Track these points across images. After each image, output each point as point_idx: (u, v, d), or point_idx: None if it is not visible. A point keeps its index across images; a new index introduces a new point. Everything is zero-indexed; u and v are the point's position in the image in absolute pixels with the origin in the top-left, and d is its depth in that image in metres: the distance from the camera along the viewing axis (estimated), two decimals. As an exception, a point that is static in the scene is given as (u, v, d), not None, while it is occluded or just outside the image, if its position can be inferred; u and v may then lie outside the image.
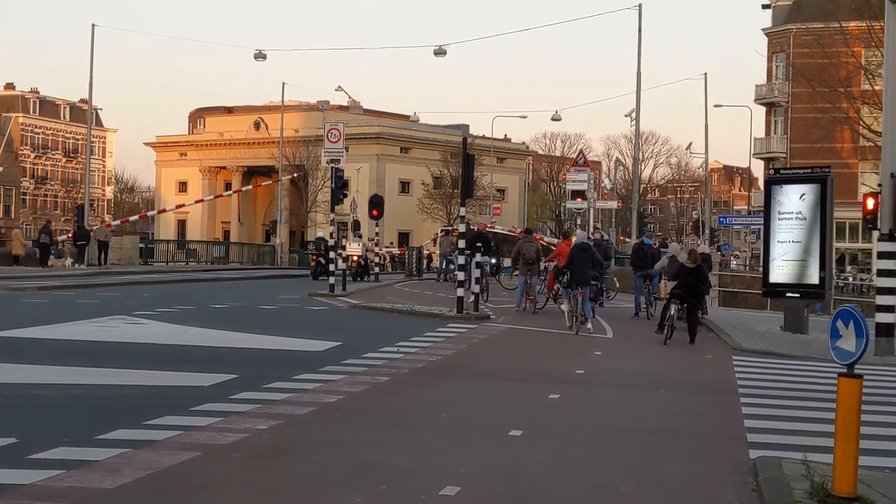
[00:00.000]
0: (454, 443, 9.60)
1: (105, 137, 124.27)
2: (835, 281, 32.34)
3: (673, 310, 19.68)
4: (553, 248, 32.20)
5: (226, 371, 13.23)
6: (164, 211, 76.02)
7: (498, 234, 49.45)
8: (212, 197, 76.22)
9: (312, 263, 41.91)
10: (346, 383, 12.85)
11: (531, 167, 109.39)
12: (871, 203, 18.65)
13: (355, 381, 13.03)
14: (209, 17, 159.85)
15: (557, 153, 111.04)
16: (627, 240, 56.36)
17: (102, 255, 44.06)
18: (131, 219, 67.63)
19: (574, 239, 22.88)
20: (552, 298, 25.83)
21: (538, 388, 13.30)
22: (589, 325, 21.03)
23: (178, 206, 71.57)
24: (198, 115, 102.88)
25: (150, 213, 77.35)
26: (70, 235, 47.29)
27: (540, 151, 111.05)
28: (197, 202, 70.60)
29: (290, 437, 9.49)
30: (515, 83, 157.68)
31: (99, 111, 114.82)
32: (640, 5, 41.28)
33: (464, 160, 25.12)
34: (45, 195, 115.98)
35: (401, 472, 8.28)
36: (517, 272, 27.31)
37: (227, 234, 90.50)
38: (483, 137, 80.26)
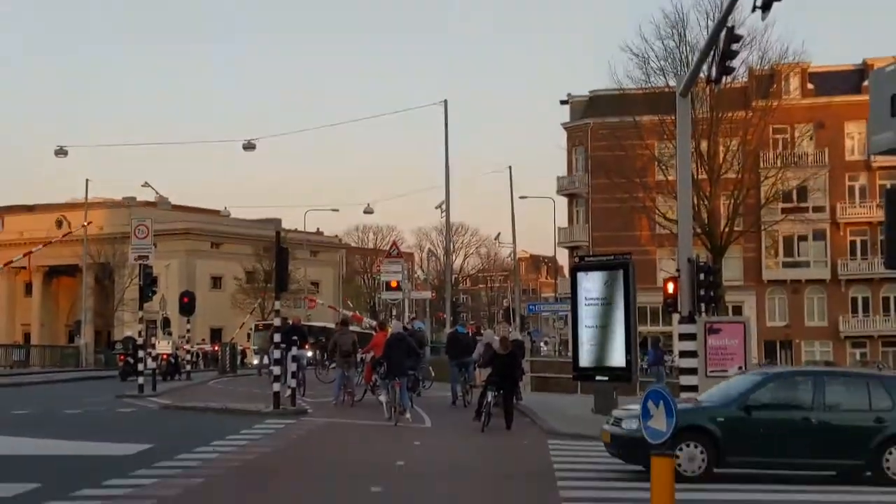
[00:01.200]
0: (275, 543, 9.35)
1: None
2: (641, 363, 33.45)
3: (490, 396, 19.93)
4: (374, 332, 32.24)
5: (28, 480, 12.49)
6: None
7: (314, 328, 49.03)
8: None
9: (120, 363, 40.45)
10: (159, 487, 12.36)
11: (345, 260, 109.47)
12: (671, 287, 19.54)
13: (169, 485, 12.54)
14: (3, 113, 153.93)
15: (371, 245, 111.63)
16: (444, 315, 56.81)
17: None
18: None
19: (390, 330, 22.96)
20: (370, 390, 25.70)
21: (359, 482, 13.15)
22: (408, 416, 21.02)
23: None
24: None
25: None
26: None
27: (353, 244, 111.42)
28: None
29: (101, 547, 9.03)
30: (326, 177, 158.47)
31: None
32: (445, 101, 42.38)
33: (277, 254, 24.93)
34: None
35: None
36: (334, 364, 27.09)
37: (27, 336, 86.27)
38: (296, 231, 79.80)
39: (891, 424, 13.83)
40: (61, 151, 51.01)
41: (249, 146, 45.55)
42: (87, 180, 63.56)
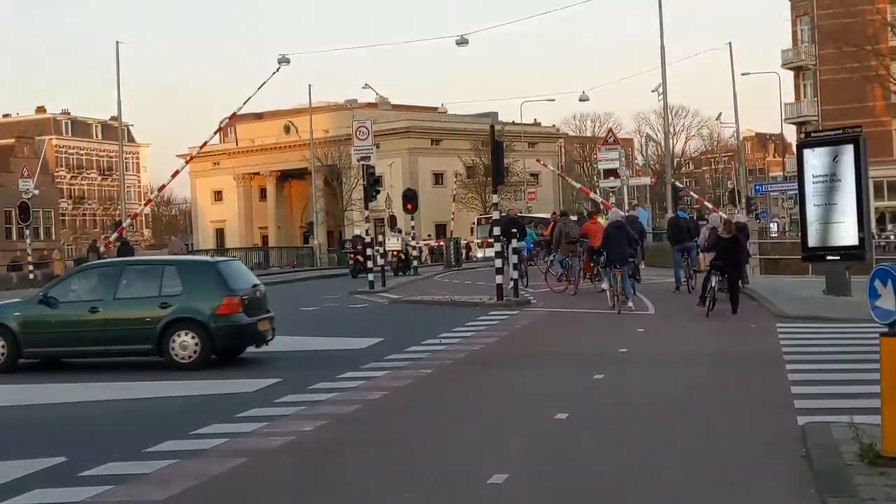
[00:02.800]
0: (500, 431, 9.60)
1: (138, 153, 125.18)
2: (875, 240, 31.93)
3: (714, 281, 19.52)
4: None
5: (269, 375, 13.31)
6: (167, 201, 67.08)
7: (535, 219, 49.27)
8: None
9: (350, 262, 42.03)
10: (390, 378, 12.89)
11: (563, 149, 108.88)
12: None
13: (399, 377, 13.05)
14: (231, 29, 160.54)
15: (588, 133, 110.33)
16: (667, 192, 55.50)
17: None
18: (124, 224, 49.21)
19: (607, 217, 22.76)
20: (589, 279, 25.65)
21: (582, 369, 13.26)
22: (630, 304, 20.93)
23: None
24: (228, 124, 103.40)
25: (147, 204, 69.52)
26: (108, 245, 46.24)
27: (570, 133, 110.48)
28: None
29: (336, 437, 9.53)
30: (541, 67, 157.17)
31: (130, 127, 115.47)
32: (659, -22, 40.75)
33: (492, 147, 25.08)
34: (84, 214, 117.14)
35: (448, 463, 8.30)
36: (552, 256, 27.16)
37: (265, 238, 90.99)
38: (513, 124, 79.95)
39: (176, 309, 14.31)
40: (284, 59, 52.52)
41: (462, 41, 45.60)
42: (309, 85, 65.50)
